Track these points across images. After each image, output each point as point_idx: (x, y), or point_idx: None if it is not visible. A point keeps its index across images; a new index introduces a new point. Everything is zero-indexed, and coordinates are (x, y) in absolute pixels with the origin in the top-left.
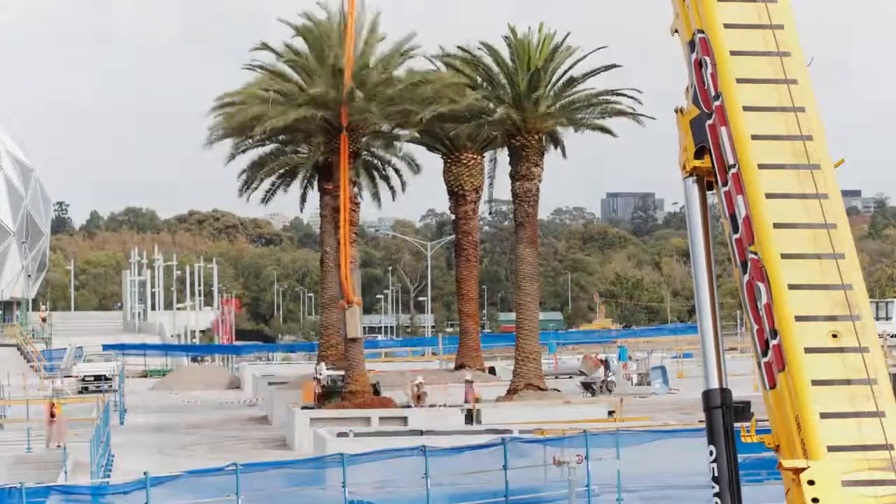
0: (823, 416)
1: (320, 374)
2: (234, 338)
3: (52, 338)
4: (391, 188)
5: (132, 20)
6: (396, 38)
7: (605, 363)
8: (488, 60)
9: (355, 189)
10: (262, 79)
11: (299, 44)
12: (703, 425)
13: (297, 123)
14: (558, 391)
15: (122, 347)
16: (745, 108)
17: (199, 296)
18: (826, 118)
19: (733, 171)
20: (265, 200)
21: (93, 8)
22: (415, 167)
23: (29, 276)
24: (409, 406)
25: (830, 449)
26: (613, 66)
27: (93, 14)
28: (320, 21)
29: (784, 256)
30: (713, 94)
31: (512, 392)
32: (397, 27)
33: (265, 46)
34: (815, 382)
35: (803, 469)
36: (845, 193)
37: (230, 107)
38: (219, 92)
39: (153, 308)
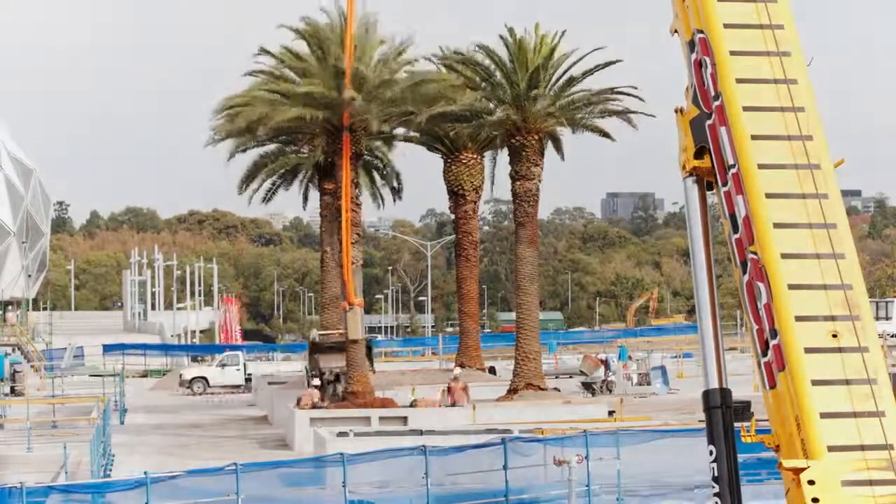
0: (823, 415)
1: (315, 375)
2: (239, 338)
3: (53, 337)
4: (394, 189)
5: (133, 20)
6: (398, 40)
7: (605, 363)
8: (487, 61)
9: (356, 190)
10: (263, 82)
11: (300, 46)
12: (703, 425)
13: (299, 122)
14: (558, 391)
15: (122, 347)
16: (745, 108)
17: (199, 296)
18: (826, 118)
19: (733, 171)
20: (266, 200)
21: (92, 8)
22: (393, 171)
23: (29, 275)
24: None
25: (830, 449)
26: (612, 62)
27: (93, 14)
28: (320, 23)
29: (784, 256)
30: (713, 94)
31: (512, 392)
32: (398, 27)
33: (264, 51)
34: (815, 382)
35: (803, 469)
36: (845, 193)
37: (233, 109)
38: (220, 92)
39: (153, 308)
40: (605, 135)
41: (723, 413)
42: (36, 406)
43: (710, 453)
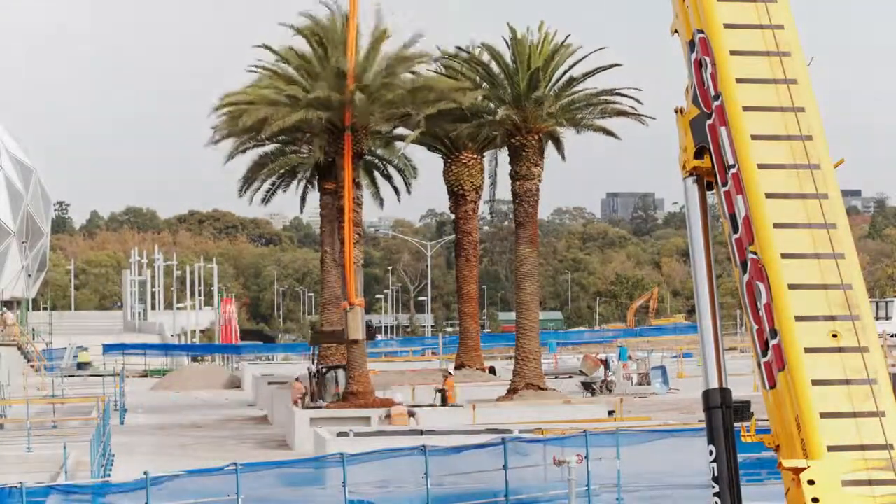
0: (823, 415)
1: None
2: (238, 338)
3: (53, 337)
4: (395, 188)
5: (134, 20)
6: (401, 40)
7: (605, 363)
8: (488, 60)
9: (358, 189)
10: (265, 79)
11: (302, 44)
12: (703, 425)
13: (301, 124)
14: (558, 391)
15: (122, 347)
16: (745, 108)
17: (199, 296)
18: (826, 118)
19: (733, 171)
20: (265, 200)
21: (93, 8)
22: (411, 170)
23: (29, 275)
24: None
25: (830, 449)
26: (614, 65)
27: (93, 14)
28: (323, 22)
29: (784, 256)
30: (713, 94)
31: (512, 392)
32: (400, 26)
33: (266, 47)
34: (814, 382)
35: (803, 469)
36: (845, 193)
37: (233, 106)
38: (221, 91)
39: (153, 308)
40: (609, 133)
41: (723, 413)
42: (36, 406)
43: (710, 453)
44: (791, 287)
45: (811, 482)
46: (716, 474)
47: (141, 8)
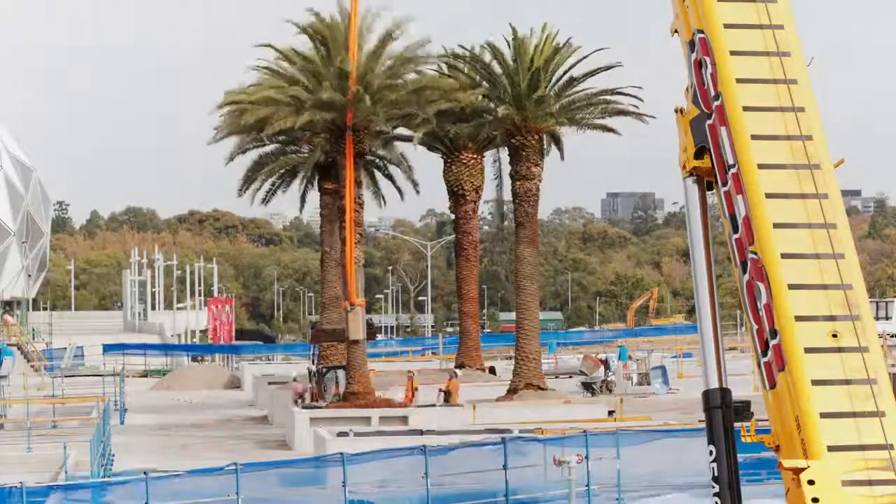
0: (823, 415)
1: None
2: (232, 338)
3: (53, 337)
4: (397, 188)
5: (133, 20)
6: (404, 40)
7: (605, 363)
8: (489, 60)
9: (359, 189)
10: (267, 79)
11: (305, 43)
12: (703, 425)
13: (304, 126)
14: (558, 391)
15: (122, 347)
16: (745, 108)
17: (200, 296)
18: (826, 118)
19: (733, 170)
20: (266, 200)
21: (92, 8)
22: (407, 168)
23: (29, 275)
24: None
25: (830, 449)
26: (614, 65)
27: (93, 14)
28: (327, 21)
29: (784, 256)
30: (713, 94)
31: (512, 392)
32: (399, 26)
33: (270, 46)
34: (815, 382)
35: (803, 469)
36: (845, 193)
37: (235, 105)
38: (223, 90)
39: (153, 308)
40: (610, 129)
41: (723, 413)
42: (36, 406)
43: (710, 453)
44: (791, 287)
45: (811, 482)
46: (716, 474)
47: (141, 8)
